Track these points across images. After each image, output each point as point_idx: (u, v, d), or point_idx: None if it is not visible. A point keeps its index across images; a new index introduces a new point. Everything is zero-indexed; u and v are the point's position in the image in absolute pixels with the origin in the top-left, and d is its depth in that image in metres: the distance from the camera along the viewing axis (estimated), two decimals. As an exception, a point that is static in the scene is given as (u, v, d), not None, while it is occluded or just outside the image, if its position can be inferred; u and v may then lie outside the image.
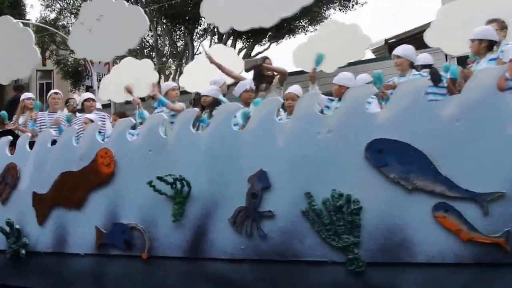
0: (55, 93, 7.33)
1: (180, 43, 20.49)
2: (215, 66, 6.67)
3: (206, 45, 11.47)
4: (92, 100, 7.38)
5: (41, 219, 5.81)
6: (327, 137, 4.26)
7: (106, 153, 5.34)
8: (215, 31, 17.88)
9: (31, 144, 6.14)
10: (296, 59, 7.17)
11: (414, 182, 3.91)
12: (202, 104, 5.78)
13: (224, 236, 4.63)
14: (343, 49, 6.69)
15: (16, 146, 6.27)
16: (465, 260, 3.79)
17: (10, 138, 6.44)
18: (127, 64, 8.08)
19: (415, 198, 3.92)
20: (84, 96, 7.60)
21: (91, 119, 6.11)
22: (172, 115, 5.63)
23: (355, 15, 47.38)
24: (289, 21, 18.11)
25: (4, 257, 6.02)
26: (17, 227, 5.93)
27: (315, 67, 5.65)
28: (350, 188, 4.12)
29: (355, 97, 4.23)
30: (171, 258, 4.94)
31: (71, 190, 5.58)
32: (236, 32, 15.33)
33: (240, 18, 5.81)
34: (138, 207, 5.13)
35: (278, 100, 4.66)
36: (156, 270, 5.05)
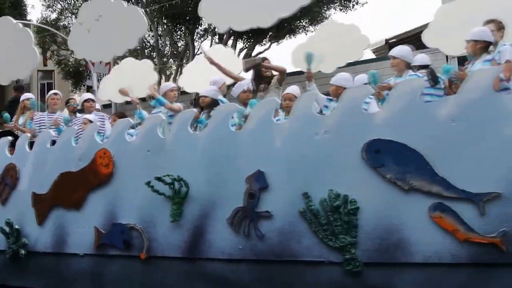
0: (55, 93, 7.35)
1: (181, 43, 20.48)
2: (215, 67, 6.67)
3: (206, 46, 11.50)
4: (92, 100, 7.39)
5: (40, 220, 5.83)
6: (324, 137, 4.27)
7: (105, 153, 5.36)
8: (216, 31, 17.87)
9: (31, 144, 6.16)
10: (295, 59, 7.19)
11: (411, 183, 3.92)
12: (200, 104, 5.79)
13: (222, 236, 4.64)
14: (342, 49, 6.71)
15: (15, 147, 6.29)
16: (461, 260, 3.79)
17: (10, 138, 6.46)
18: (127, 64, 8.10)
19: (412, 198, 3.93)
20: (84, 97, 7.61)
21: (90, 120, 6.13)
22: (170, 115, 5.64)
23: (356, 15, 47.27)
24: (289, 21, 18.09)
25: (4, 257, 6.04)
26: (16, 227, 5.95)
27: (308, 67, 5.65)
28: (347, 189, 4.13)
29: (352, 97, 4.24)
30: (170, 258, 4.96)
31: (70, 190, 5.60)
32: (237, 32, 15.33)
33: (239, 18, 5.82)
34: (137, 208, 5.15)
35: (275, 100, 4.67)
36: (154, 270, 5.07)
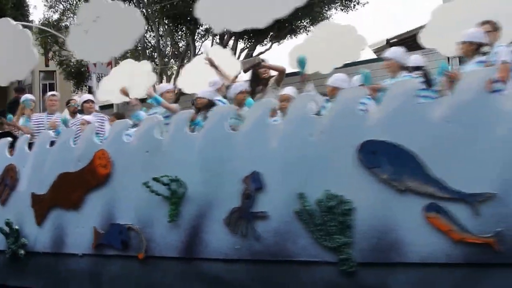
0: (53, 95, 7.40)
1: (182, 44, 20.50)
2: (214, 69, 6.70)
3: (208, 47, 11.38)
4: (92, 101, 7.43)
5: (39, 220, 5.87)
6: (319, 138, 4.29)
7: (103, 154, 5.39)
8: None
9: (30, 145, 6.20)
10: (292, 60, 7.19)
11: (406, 183, 3.93)
12: (197, 106, 5.81)
13: (218, 236, 4.67)
14: (339, 50, 6.72)
15: (15, 148, 6.32)
16: (456, 260, 3.80)
17: (10, 139, 6.50)
18: (127, 65, 8.13)
19: (407, 198, 3.94)
20: (84, 98, 7.64)
21: (88, 121, 6.15)
22: (166, 116, 5.66)
23: (357, 15, 47.20)
24: (290, 21, 18.09)
25: (4, 257, 6.08)
26: (16, 227, 5.99)
27: (302, 71, 5.66)
28: (342, 189, 4.15)
29: (347, 98, 4.26)
30: (167, 258, 4.99)
31: (69, 191, 5.63)
32: (238, 32, 15.33)
33: (234, 19, 5.84)
34: (135, 208, 5.18)
35: (271, 101, 4.70)
36: (152, 270, 5.10)
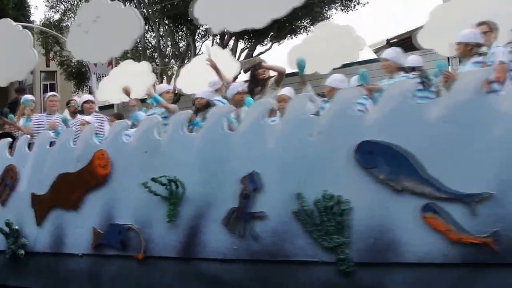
0: (53, 95, 7.43)
1: (183, 44, 20.53)
2: (214, 71, 6.70)
3: (209, 47, 11.27)
4: (92, 102, 7.46)
5: (39, 220, 5.87)
6: (317, 139, 4.29)
7: (103, 154, 5.40)
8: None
9: (30, 146, 6.22)
10: (291, 60, 7.22)
11: (403, 183, 3.94)
12: (196, 106, 5.82)
13: (217, 236, 4.68)
14: (337, 50, 6.73)
15: (15, 148, 6.34)
16: (453, 260, 3.81)
17: (10, 140, 6.52)
18: (126, 66, 8.15)
19: (404, 199, 3.94)
20: (84, 98, 7.67)
21: (87, 121, 6.17)
22: (164, 117, 5.67)
23: (357, 15, 47.15)
24: (291, 21, 18.12)
25: (3, 257, 6.09)
26: (16, 227, 6.00)
27: (301, 73, 5.67)
28: (340, 189, 4.16)
29: (344, 99, 4.27)
30: (166, 258, 5.00)
31: (68, 191, 5.63)
32: (238, 32, 15.33)
33: (232, 19, 5.85)
34: (134, 208, 5.18)
35: (268, 102, 4.71)
36: (151, 270, 5.11)
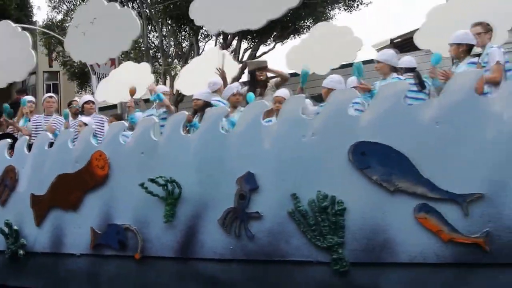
0: (50, 96, 7.49)
1: (185, 44, 20.60)
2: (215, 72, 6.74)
3: (226, 55, 10.96)
4: (92, 102, 7.50)
5: (38, 220, 5.91)
6: (312, 139, 4.32)
7: (101, 155, 5.43)
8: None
9: (29, 147, 6.26)
10: (289, 61, 7.25)
11: (396, 184, 3.97)
12: (193, 107, 5.86)
13: (213, 236, 4.71)
14: (335, 51, 6.75)
15: (14, 149, 6.39)
16: (446, 260, 3.84)
17: (9, 141, 6.56)
18: (126, 67, 8.20)
19: (397, 199, 3.98)
20: (84, 99, 7.71)
21: (85, 122, 6.21)
22: (162, 118, 5.72)
23: (360, 15, 47.12)
24: (294, 21, 18.17)
25: (3, 257, 6.13)
26: (15, 228, 6.04)
27: (302, 85, 5.73)
28: (334, 190, 4.19)
29: (339, 100, 4.30)
30: (163, 258, 5.03)
31: (67, 192, 5.67)
32: (241, 32, 15.34)
33: (228, 21, 5.87)
34: (132, 208, 5.21)
35: (264, 103, 4.75)
36: (149, 270, 5.15)
